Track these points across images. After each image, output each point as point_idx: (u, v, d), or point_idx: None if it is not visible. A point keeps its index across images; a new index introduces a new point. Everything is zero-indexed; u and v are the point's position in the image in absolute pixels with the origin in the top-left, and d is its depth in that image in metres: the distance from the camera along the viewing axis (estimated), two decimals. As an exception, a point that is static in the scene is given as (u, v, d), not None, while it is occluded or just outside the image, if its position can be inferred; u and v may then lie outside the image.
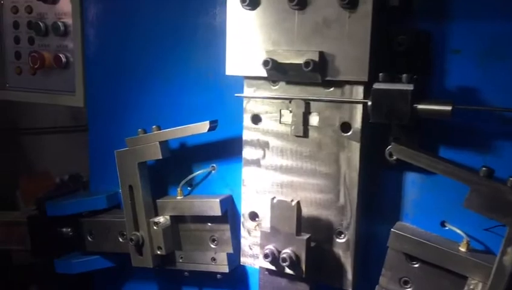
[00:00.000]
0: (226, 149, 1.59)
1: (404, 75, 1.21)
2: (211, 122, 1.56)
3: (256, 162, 1.44)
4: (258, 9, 1.34)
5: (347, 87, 1.31)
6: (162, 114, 1.69)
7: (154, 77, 1.69)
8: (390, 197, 1.38)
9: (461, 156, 1.27)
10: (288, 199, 1.39)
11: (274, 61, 1.29)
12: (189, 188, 1.69)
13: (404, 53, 1.29)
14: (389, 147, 1.31)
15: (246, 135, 1.45)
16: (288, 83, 1.37)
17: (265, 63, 1.31)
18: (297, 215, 1.40)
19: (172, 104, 1.68)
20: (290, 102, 1.36)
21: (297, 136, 1.37)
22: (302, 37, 1.30)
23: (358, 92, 1.30)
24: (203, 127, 1.56)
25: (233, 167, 1.57)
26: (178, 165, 1.65)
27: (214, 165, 1.65)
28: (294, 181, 1.41)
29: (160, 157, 1.55)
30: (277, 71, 1.31)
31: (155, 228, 1.69)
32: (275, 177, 1.42)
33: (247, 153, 1.45)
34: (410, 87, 1.21)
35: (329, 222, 1.37)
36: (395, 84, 1.21)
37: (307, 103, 1.35)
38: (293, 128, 1.38)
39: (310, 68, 1.24)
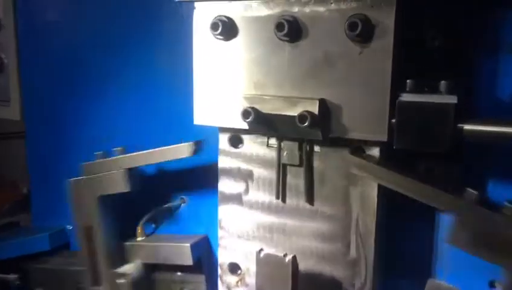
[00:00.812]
0: (199, 177, 1.35)
1: (443, 82, 0.94)
2: (194, 144, 1.23)
3: (237, 198, 1.19)
4: (235, 39, 1.09)
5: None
6: (120, 129, 1.44)
7: (111, 84, 1.45)
8: (420, 248, 1.13)
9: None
10: (280, 252, 1.08)
11: (257, 112, 1.03)
12: (153, 225, 1.45)
13: (439, 51, 1.02)
14: None
15: (223, 162, 1.20)
16: None
17: (245, 115, 1.04)
18: (293, 274, 1.07)
19: (132, 118, 1.44)
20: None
21: (291, 164, 1.11)
22: (295, 78, 1.04)
23: (374, 152, 1.05)
24: (185, 150, 1.22)
25: (208, 199, 1.34)
26: (139, 196, 1.36)
27: (184, 197, 1.40)
28: (288, 225, 1.15)
29: (128, 189, 1.28)
30: (262, 125, 1.06)
31: (121, 281, 1.33)
32: (261, 219, 1.18)
33: (225, 185, 1.20)
34: (454, 99, 0.92)
35: (336, 282, 1.11)
36: (430, 95, 0.94)
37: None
38: (285, 154, 1.11)
39: (306, 124, 0.98)
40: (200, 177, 1.34)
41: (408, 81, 0.96)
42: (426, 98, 0.94)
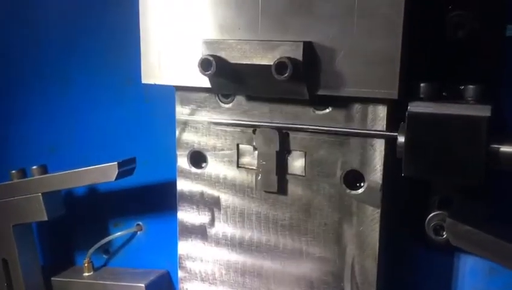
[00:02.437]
0: (157, 199, 1.18)
1: (471, 87, 0.73)
2: (121, 164, 1.01)
3: (200, 231, 0.99)
4: None
5: (357, 107, 0.83)
6: (49, 143, 1.26)
7: (41, 84, 1.26)
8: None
9: None
10: (255, 305, 0.90)
11: (220, 62, 0.81)
12: (105, 256, 1.28)
13: (463, 45, 0.79)
14: (432, 216, 0.83)
15: (183, 185, 1.00)
16: (250, 98, 0.90)
17: (205, 65, 0.81)
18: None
19: (67, 128, 1.25)
20: (254, 131, 0.91)
21: (267, 191, 0.90)
22: (272, 14, 0.81)
23: (378, 116, 0.80)
24: (110, 172, 1.00)
25: (168, 225, 1.15)
26: (87, 221, 1.26)
27: (140, 223, 1.22)
28: (264, 268, 0.95)
29: (45, 218, 1.10)
30: (228, 79, 0.84)
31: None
32: (231, 259, 0.97)
33: (185, 215, 1.00)
34: (487, 111, 0.69)
35: None
36: (452, 104, 0.72)
37: (284, 133, 0.89)
38: (260, 178, 0.90)
39: (286, 75, 0.75)
40: (159, 200, 1.17)
41: (422, 84, 0.72)
42: (447, 109, 0.71)
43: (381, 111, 0.79)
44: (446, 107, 0.71)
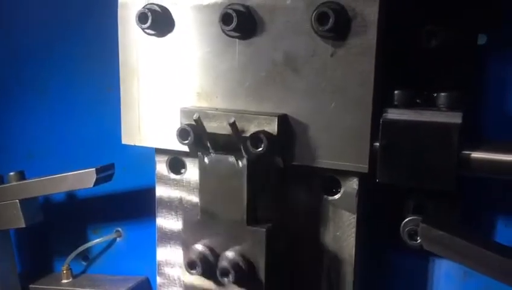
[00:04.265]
0: (135, 207, 1.16)
1: (443, 95, 0.73)
2: (99, 170, 0.99)
3: (179, 238, 0.97)
4: (171, 35, 0.87)
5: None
6: (27, 149, 1.24)
7: (19, 90, 1.24)
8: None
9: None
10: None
11: (198, 132, 0.80)
12: (84, 262, 1.25)
13: (438, 52, 0.80)
14: (407, 221, 0.81)
15: (161, 191, 0.98)
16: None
17: (183, 135, 0.81)
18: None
19: (45, 135, 1.23)
20: None
21: None
22: (248, 87, 0.83)
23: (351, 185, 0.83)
24: (88, 178, 0.98)
25: (148, 232, 1.13)
26: (66, 228, 1.23)
27: (119, 229, 1.20)
28: None
29: (23, 225, 1.07)
30: (205, 148, 0.83)
31: None
32: None
33: (164, 221, 0.98)
34: (458, 118, 0.70)
35: None
36: (425, 111, 0.73)
37: None
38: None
39: (261, 150, 0.76)
40: (138, 206, 1.15)
41: (396, 92, 0.73)
42: (420, 116, 0.72)
43: (355, 180, 0.80)
44: (419, 114, 0.72)
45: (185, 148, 0.83)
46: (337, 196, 0.83)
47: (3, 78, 1.25)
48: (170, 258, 0.98)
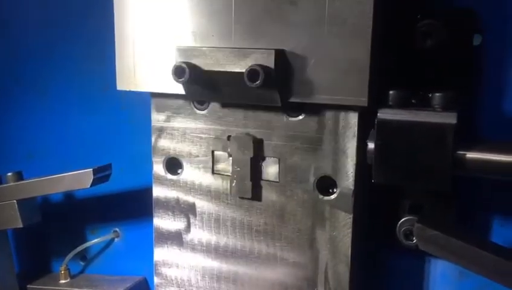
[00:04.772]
0: (133, 207, 1.16)
1: (438, 95, 0.73)
2: (97, 171, 0.99)
3: (176, 237, 0.98)
4: None
5: (329, 114, 0.83)
6: (26, 150, 1.24)
7: (18, 90, 1.24)
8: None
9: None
10: (229, 309, 0.89)
11: (194, 69, 0.81)
12: (82, 262, 1.26)
13: (433, 53, 0.80)
14: (402, 221, 0.83)
15: (158, 191, 0.99)
16: (224, 105, 0.90)
17: (178, 72, 0.81)
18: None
19: (44, 135, 1.24)
20: (228, 138, 0.91)
21: (242, 197, 0.90)
22: (245, 22, 0.82)
23: (350, 123, 0.81)
24: (85, 178, 0.98)
25: (145, 232, 1.14)
26: (63, 228, 1.24)
27: (117, 229, 1.21)
28: (239, 273, 0.94)
29: (20, 225, 1.08)
30: (201, 86, 0.84)
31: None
32: (206, 265, 0.97)
33: (161, 221, 0.99)
34: (453, 118, 0.70)
35: None
36: (419, 111, 0.73)
37: (258, 140, 0.88)
38: (234, 184, 0.90)
39: (258, 82, 0.75)
40: (135, 206, 1.15)
41: (391, 92, 0.74)
42: (415, 116, 0.72)
43: (353, 118, 0.80)
44: (414, 115, 0.72)
45: (179, 89, 0.84)
46: (333, 196, 0.84)
47: (3, 79, 1.26)
48: (167, 258, 0.99)
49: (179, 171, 0.95)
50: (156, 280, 1.01)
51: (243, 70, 0.77)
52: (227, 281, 0.94)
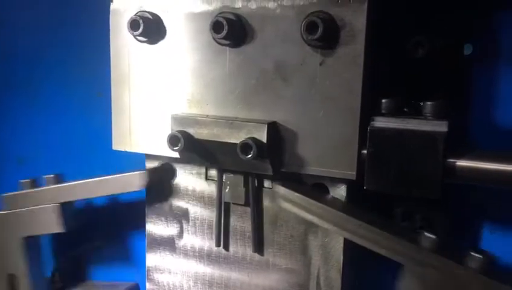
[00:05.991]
0: (125, 212, 1.15)
1: (429, 104, 0.73)
2: (147, 174, 0.94)
3: (169, 243, 0.98)
4: (163, 42, 0.87)
5: None
6: (18, 154, 1.24)
7: (9, 95, 1.23)
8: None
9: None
10: (222, 316, 0.89)
11: (188, 138, 0.82)
12: (73, 268, 1.24)
13: (425, 63, 0.80)
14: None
15: (151, 197, 0.99)
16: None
17: (173, 141, 0.82)
18: None
19: (35, 140, 1.23)
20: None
21: (235, 203, 0.90)
22: (238, 94, 0.83)
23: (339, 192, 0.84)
24: (134, 181, 0.93)
25: (138, 237, 1.15)
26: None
27: (110, 234, 1.20)
28: (232, 279, 0.94)
29: (62, 229, 1.02)
30: (196, 153, 0.84)
31: None
32: (199, 270, 0.96)
33: (153, 227, 0.99)
34: (443, 126, 0.70)
35: None
36: (411, 119, 0.73)
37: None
38: (228, 190, 0.90)
39: (251, 156, 0.77)
40: (128, 211, 1.14)
41: (384, 100, 0.74)
42: (407, 124, 0.73)
43: (342, 187, 0.82)
44: (406, 123, 0.72)
45: (176, 155, 0.85)
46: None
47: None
48: (160, 264, 0.98)
49: (172, 177, 0.95)
50: (148, 285, 1.00)
51: (237, 142, 0.77)
52: (219, 287, 0.94)
